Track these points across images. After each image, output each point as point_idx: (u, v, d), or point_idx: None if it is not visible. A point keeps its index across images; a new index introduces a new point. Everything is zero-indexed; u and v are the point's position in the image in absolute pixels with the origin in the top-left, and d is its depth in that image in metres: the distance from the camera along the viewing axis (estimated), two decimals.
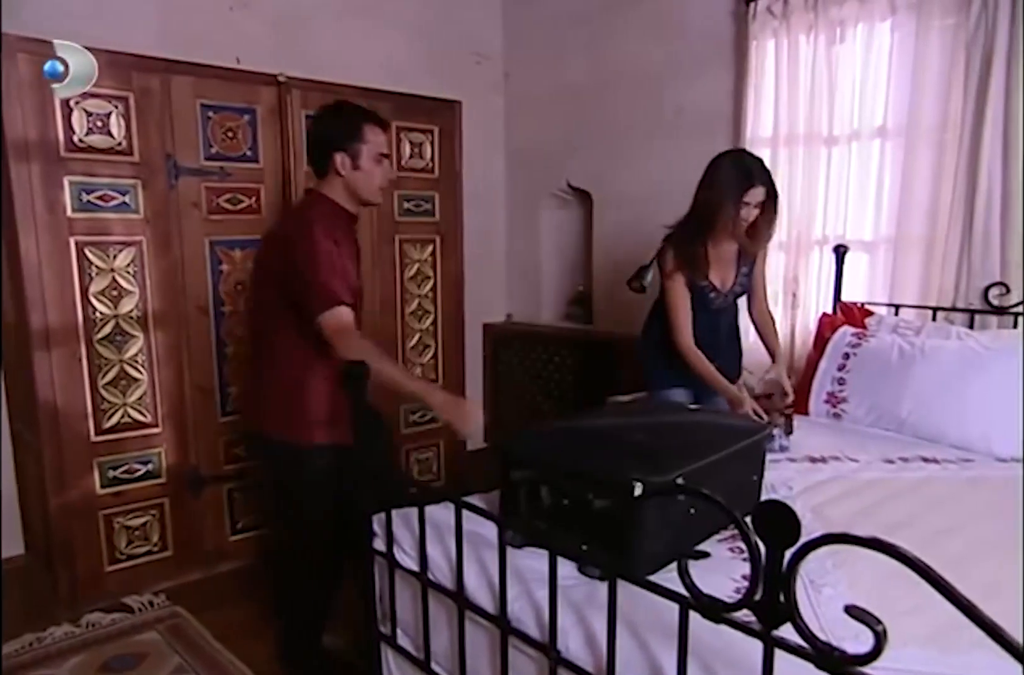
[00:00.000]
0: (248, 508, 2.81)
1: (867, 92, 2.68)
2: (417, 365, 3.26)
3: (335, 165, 1.85)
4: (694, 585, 0.94)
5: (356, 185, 1.88)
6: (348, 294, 1.79)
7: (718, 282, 2.35)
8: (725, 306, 2.41)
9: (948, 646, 1.11)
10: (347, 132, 1.85)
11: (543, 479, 1.39)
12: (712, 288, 2.34)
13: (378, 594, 1.66)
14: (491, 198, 3.94)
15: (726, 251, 2.35)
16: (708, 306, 2.36)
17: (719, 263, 2.34)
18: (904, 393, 2.27)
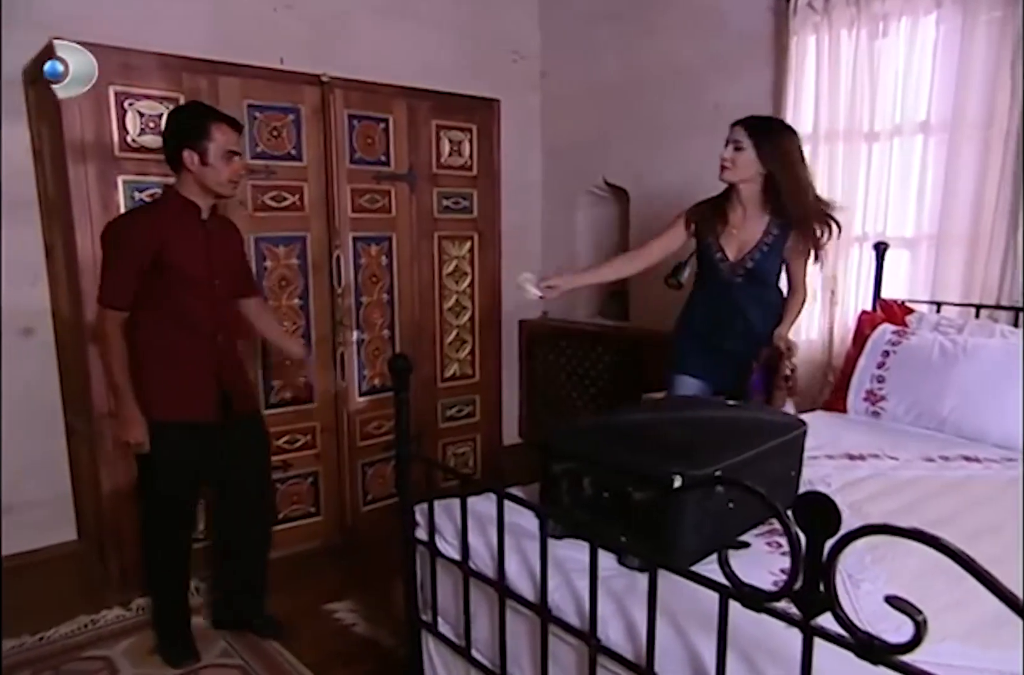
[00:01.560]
0: (290, 499, 2.88)
1: (910, 87, 2.65)
2: (454, 361, 3.30)
3: (184, 161, 1.96)
4: (734, 574, 0.96)
5: (205, 180, 1.99)
6: (123, 296, 1.96)
7: (730, 249, 2.30)
8: (735, 281, 2.30)
9: (988, 641, 1.12)
10: (195, 130, 1.95)
11: (584, 471, 1.42)
12: (719, 251, 2.30)
13: (419, 583, 1.70)
14: (528, 195, 3.97)
15: (747, 217, 2.28)
16: (715, 274, 2.32)
17: (739, 229, 2.29)
18: (945, 391, 2.25)
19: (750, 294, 2.31)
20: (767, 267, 2.31)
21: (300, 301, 2.81)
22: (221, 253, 2.10)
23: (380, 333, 3.04)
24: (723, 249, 2.31)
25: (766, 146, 2.18)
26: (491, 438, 3.49)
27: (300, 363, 2.54)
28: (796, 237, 2.26)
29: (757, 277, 2.30)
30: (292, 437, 2.86)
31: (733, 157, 2.21)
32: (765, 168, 2.19)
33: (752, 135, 2.19)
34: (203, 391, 2.08)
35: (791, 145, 2.22)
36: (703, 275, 2.40)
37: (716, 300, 2.35)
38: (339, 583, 2.63)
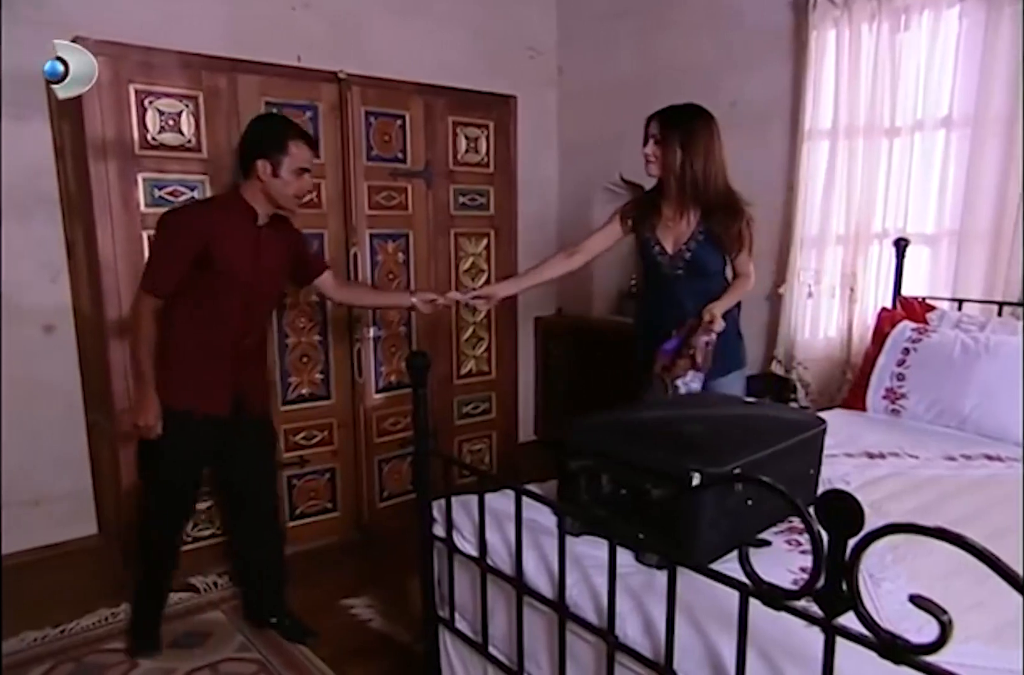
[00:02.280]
0: (307, 495, 2.90)
1: (932, 81, 2.63)
2: (471, 358, 3.30)
3: (256, 170, 1.99)
4: (755, 572, 0.95)
5: (272, 191, 2.02)
6: (163, 284, 1.98)
7: (667, 242, 2.26)
8: (678, 274, 2.25)
9: (1012, 642, 1.11)
10: (273, 142, 1.98)
11: (601, 469, 1.41)
12: (657, 244, 2.27)
13: (436, 579, 1.71)
14: (544, 192, 3.96)
15: (678, 210, 2.24)
16: (657, 269, 2.29)
17: (672, 221, 2.25)
18: (967, 389, 2.22)
19: (692, 286, 2.24)
20: (705, 258, 2.24)
21: (317, 298, 2.82)
22: (271, 259, 2.10)
23: (397, 330, 3.05)
24: (660, 242, 2.27)
25: (680, 137, 2.14)
26: (507, 435, 3.49)
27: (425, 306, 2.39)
28: (724, 226, 2.20)
29: (697, 268, 2.25)
30: (309, 433, 2.88)
31: (654, 150, 2.19)
32: (680, 160, 2.15)
33: (666, 127, 2.16)
34: (220, 388, 2.10)
35: (703, 134, 2.16)
36: (646, 271, 2.38)
37: (660, 294, 2.32)
38: (356, 579, 2.64)
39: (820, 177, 2.85)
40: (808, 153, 2.89)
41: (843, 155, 2.81)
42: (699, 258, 2.24)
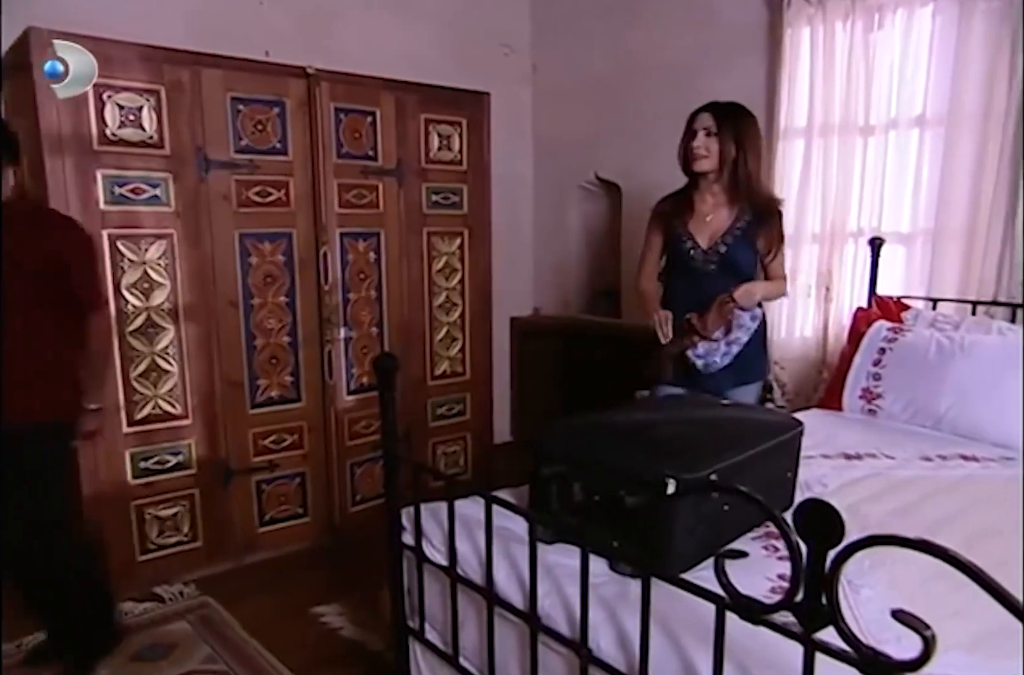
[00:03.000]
0: (277, 500, 2.83)
1: (906, 80, 2.61)
2: (445, 358, 3.25)
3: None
4: (731, 585, 0.92)
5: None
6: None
7: (702, 237, 2.24)
8: (710, 270, 2.22)
9: (994, 652, 1.08)
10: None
11: (574, 475, 1.37)
12: (690, 239, 2.24)
13: (406, 588, 1.66)
14: (519, 190, 3.92)
15: (717, 205, 2.24)
16: (688, 264, 2.25)
17: (709, 216, 2.24)
18: (942, 389, 2.21)
19: (725, 284, 2.19)
20: (740, 254, 2.22)
21: (286, 298, 2.76)
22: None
23: (368, 331, 2.99)
24: (694, 237, 2.24)
25: (736, 132, 2.14)
26: (482, 437, 3.45)
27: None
28: (764, 224, 2.21)
29: (731, 265, 2.22)
30: (279, 437, 2.81)
31: (707, 144, 2.16)
32: (735, 154, 2.15)
33: (722, 121, 2.15)
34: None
35: (756, 131, 2.19)
36: (675, 269, 2.33)
37: (689, 292, 2.26)
38: (327, 585, 2.58)
39: (795, 176, 2.83)
40: (783, 151, 2.87)
41: (818, 154, 2.79)
42: (734, 253, 2.21)
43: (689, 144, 2.20)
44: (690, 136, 2.20)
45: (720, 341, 2.18)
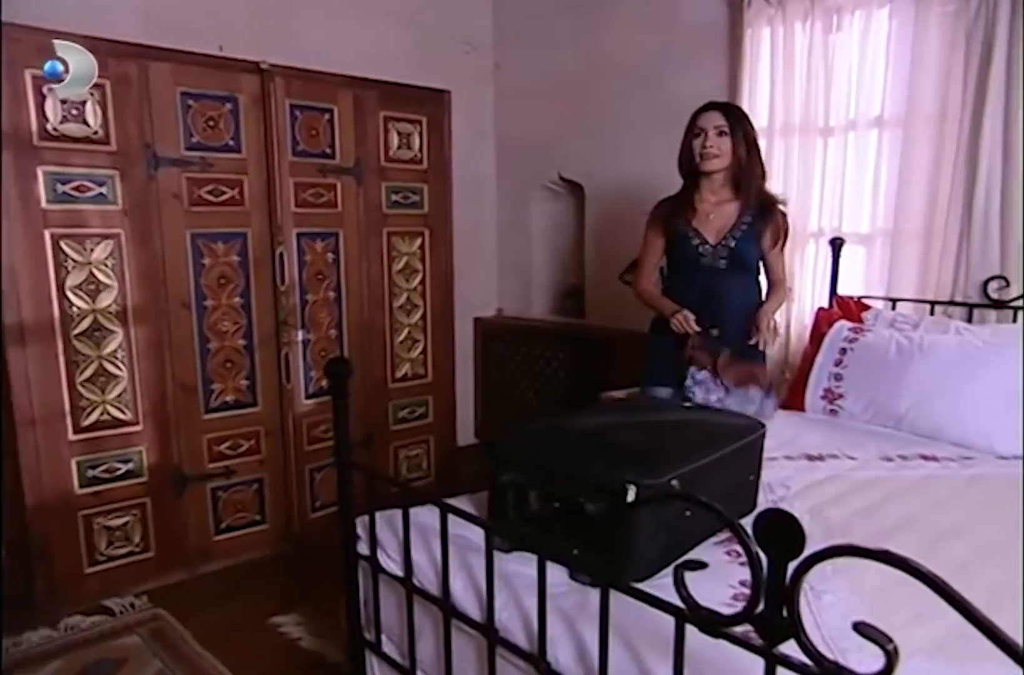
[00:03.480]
0: (234, 507, 2.75)
1: (864, 81, 2.62)
2: (406, 360, 3.19)
3: None
4: (691, 597, 0.89)
5: None
6: None
7: (709, 233, 2.23)
8: (719, 266, 2.22)
9: (955, 657, 1.06)
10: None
11: (533, 482, 1.33)
12: (697, 235, 2.23)
13: (362, 599, 1.60)
14: (481, 190, 3.87)
15: (719, 203, 2.24)
16: (696, 261, 2.23)
17: (713, 213, 2.23)
18: (902, 389, 2.22)
19: (735, 281, 2.22)
20: (748, 250, 2.22)
21: (241, 299, 2.68)
22: None
23: (327, 333, 2.93)
24: (701, 234, 2.23)
25: (745, 131, 2.16)
26: (445, 440, 3.40)
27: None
28: (769, 220, 2.23)
29: (741, 260, 2.22)
30: (235, 442, 2.74)
31: (719, 143, 2.15)
32: (740, 154, 2.16)
33: (733, 120, 2.15)
34: None
35: (755, 131, 2.22)
36: (682, 267, 2.31)
37: (700, 291, 2.24)
38: (285, 595, 2.51)
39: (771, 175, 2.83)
40: None
41: (779, 154, 2.79)
42: (742, 249, 2.21)
43: (696, 143, 2.17)
44: (697, 135, 2.17)
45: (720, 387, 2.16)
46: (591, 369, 3.41)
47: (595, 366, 3.39)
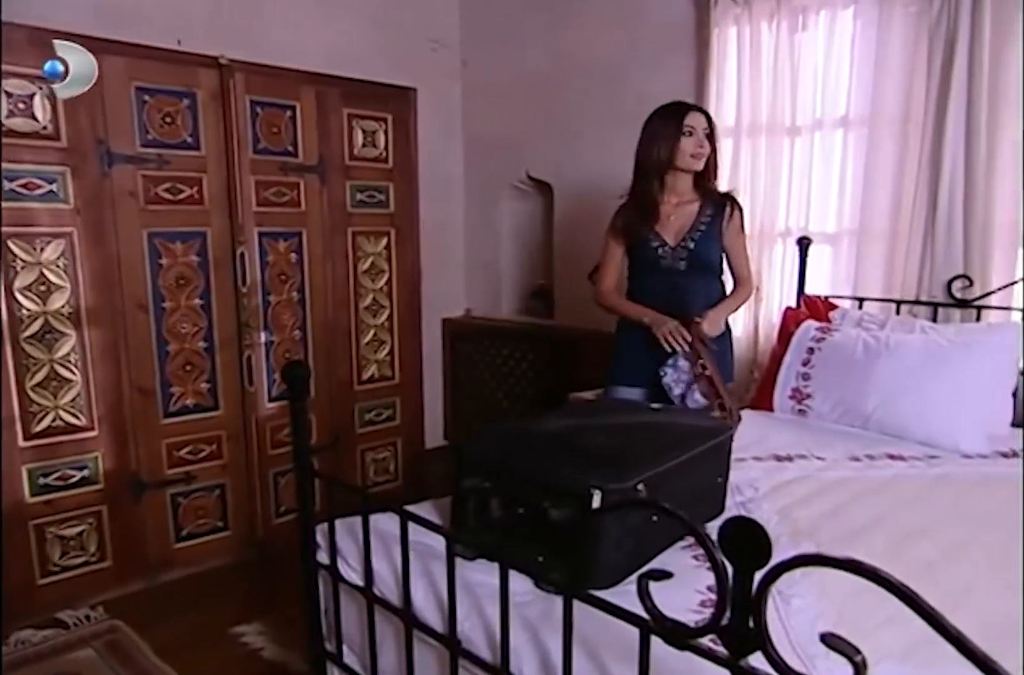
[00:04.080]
0: (195, 514, 2.68)
1: (830, 81, 2.63)
2: (372, 362, 3.14)
3: None
4: (655, 608, 0.86)
5: None
6: None
7: (668, 234, 2.22)
8: (679, 267, 2.20)
9: (925, 661, 1.05)
10: None
11: (496, 487, 1.30)
12: (657, 238, 2.22)
13: (323, 609, 1.56)
14: (449, 189, 3.83)
15: (683, 202, 2.23)
16: (656, 263, 2.22)
17: (673, 214, 2.23)
18: (869, 388, 2.22)
19: (696, 282, 2.20)
20: (708, 251, 2.21)
21: (201, 301, 2.61)
22: None
23: (291, 334, 2.86)
24: (661, 236, 2.22)
25: (714, 131, 2.18)
26: (413, 442, 3.35)
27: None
28: (726, 219, 2.23)
29: (701, 261, 2.21)
30: (196, 447, 2.67)
31: (704, 144, 2.16)
32: (713, 156, 2.20)
33: (711, 124, 2.18)
34: None
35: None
36: (643, 270, 2.29)
37: (660, 292, 2.22)
38: (248, 603, 2.45)
39: (724, 175, 2.82)
40: None
41: (746, 153, 2.79)
42: (703, 250, 2.20)
43: (689, 142, 2.15)
44: (688, 134, 2.15)
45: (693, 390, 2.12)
46: (561, 369, 3.38)
47: (565, 366, 3.36)
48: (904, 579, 1.35)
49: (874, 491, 1.75)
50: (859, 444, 2.09)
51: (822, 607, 1.19)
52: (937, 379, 2.13)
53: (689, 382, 2.10)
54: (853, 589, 1.23)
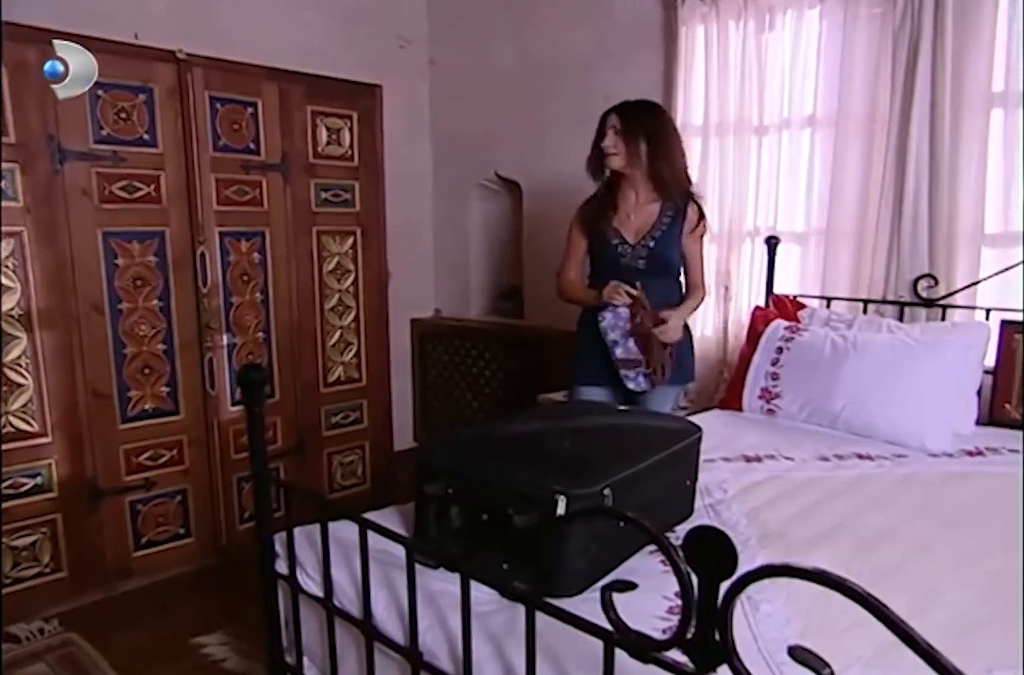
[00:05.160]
0: (155, 521, 2.61)
1: (796, 80, 2.64)
2: (339, 364, 3.08)
3: None
4: (620, 620, 0.83)
5: None
6: None
7: (628, 233, 2.21)
8: (637, 266, 2.18)
9: (894, 666, 1.03)
10: None
11: (458, 493, 1.26)
12: (617, 235, 2.20)
13: (283, 620, 1.51)
14: (417, 188, 3.79)
15: (641, 203, 2.22)
16: (616, 261, 2.20)
17: (634, 213, 2.22)
18: (837, 388, 2.22)
19: (655, 282, 2.17)
20: (667, 251, 2.20)
21: (160, 302, 2.54)
22: None
23: (254, 336, 2.79)
24: (621, 234, 2.21)
25: (643, 129, 2.14)
26: (381, 445, 3.29)
27: None
28: (687, 219, 2.21)
29: (659, 261, 2.19)
30: (155, 452, 2.59)
31: (615, 142, 2.15)
32: (648, 151, 2.14)
33: (627, 119, 2.14)
34: None
35: (665, 127, 2.20)
36: (603, 268, 2.26)
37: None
38: (210, 612, 2.38)
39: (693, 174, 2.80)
40: None
41: (715, 152, 2.79)
42: (662, 250, 2.18)
43: (598, 144, 2.18)
44: (600, 136, 2.18)
45: (627, 338, 2.13)
46: (531, 370, 3.36)
47: (535, 367, 3.34)
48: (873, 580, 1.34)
49: (842, 491, 1.75)
50: (827, 444, 2.09)
51: (790, 612, 1.17)
52: (904, 378, 2.14)
53: (625, 332, 2.11)
54: (821, 592, 1.21)
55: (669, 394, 2.28)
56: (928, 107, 2.36)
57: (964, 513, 1.63)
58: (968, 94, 2.31)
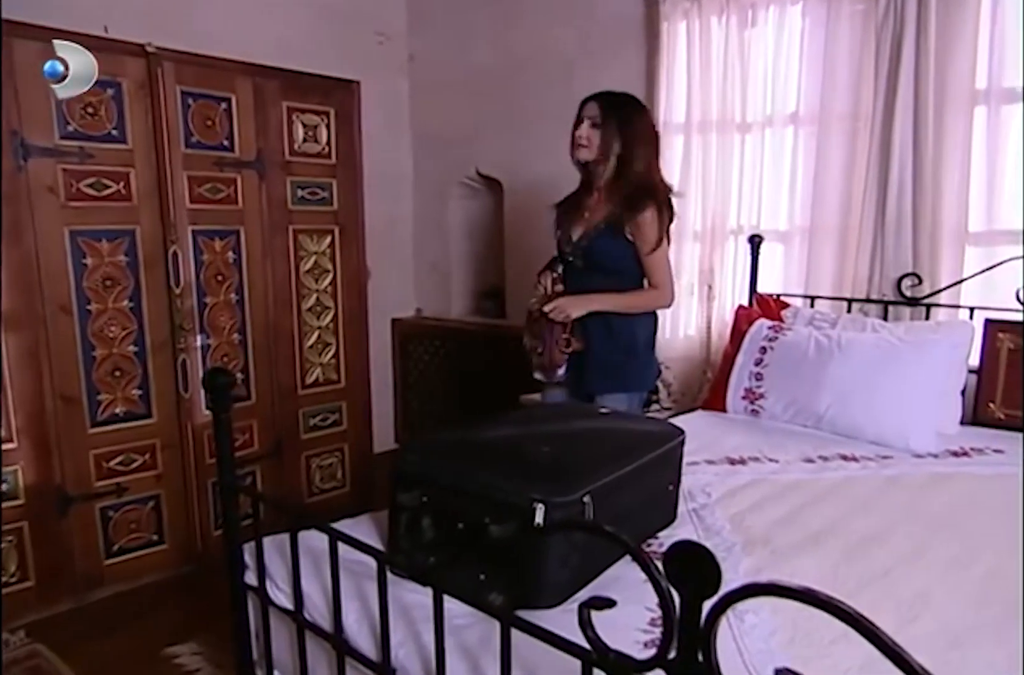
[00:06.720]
0: (127, 527, 2.54)
1: (779, 77, 2.61)
2: (317, 365, 3.02)
3: None
4: (598, 638, 0.78)
5: None
6: None
7: (576, 231, 2.12)
8: (578, 265, 2.11)
9: None
10: None
11: (433, 502, 1.21)
12: (565, 233, 2.15)
13: (253, 633, 1.46)
14: (397, 186, 3.73)
15: (601, 200, 2.11)
16: (567, 260, 2.14)
17: (590, 212, 2.12)
18: (821, 388, 2.19)
19: (593, 281, 2.07)
20: (604, 248, 2.06)
21: (131, 303, 2.47)
22: None
23: (229, 337, 2.73)
24: (569, 231, 2.14)
25: (621, 124, 2.02)
26: (361, 447, 3.24)
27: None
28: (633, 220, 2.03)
29: (593, 260, 2.08)
30: (127, 457, 2.52)
31: (589, 134, 2.04)
32: (620, 152, 2.03)
33: (607, 112, 2.03)
34: None
35: (644, 124, 2.09)
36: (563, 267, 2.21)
37: (570, 289, 2.14)
38: (184, 621, 2.32)
39: (675, 172, 2.78)
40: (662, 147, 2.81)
41: (697, 150, 2.75)
42: (596, 249, 2.07)
43: (574, 132, 2.08)
44: (576, 124, 2.08)
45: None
46: (513, 370, 3.31)
47: (516, 367, 3.29)
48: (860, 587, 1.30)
49: (827, 494, 1.72)
50: (812, 445, 2.06)
51: (776, 623, 1.14)
52: (888, 378, 2.11)
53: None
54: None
55: (620, 401, 2.10)
56: (911, 104, 2.34)
57: (951, 516, 1.60)
58: (951, 91, 2.29)
